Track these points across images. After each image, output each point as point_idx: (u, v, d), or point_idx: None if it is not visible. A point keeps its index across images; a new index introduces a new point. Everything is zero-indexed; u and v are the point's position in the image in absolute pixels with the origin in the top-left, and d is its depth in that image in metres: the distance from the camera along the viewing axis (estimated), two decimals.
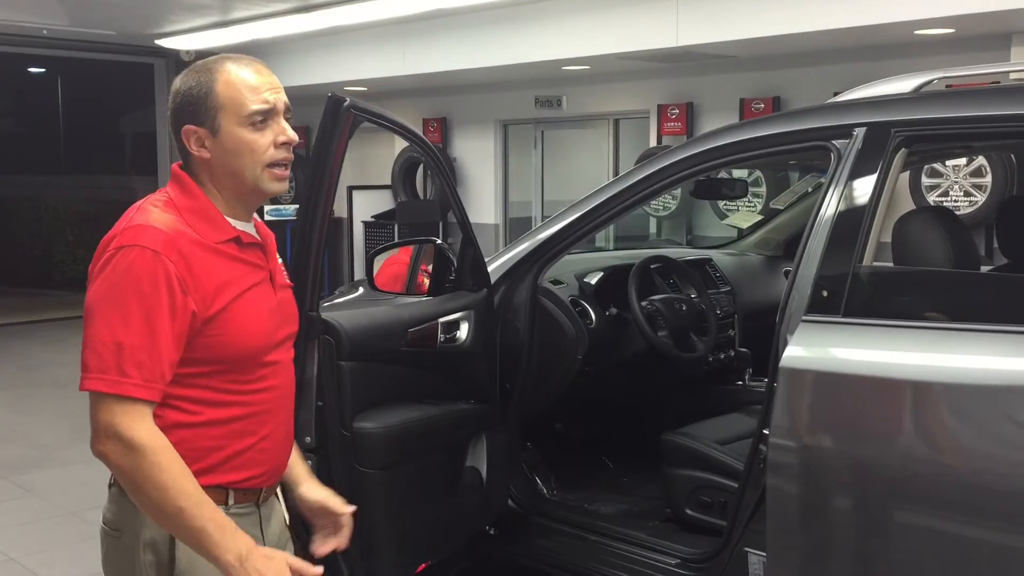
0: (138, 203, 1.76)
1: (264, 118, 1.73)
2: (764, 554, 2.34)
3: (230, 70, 1.74)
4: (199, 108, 1.73)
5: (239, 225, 1.78)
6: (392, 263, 4.50)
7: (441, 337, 2.70)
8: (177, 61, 10.44)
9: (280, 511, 1.96)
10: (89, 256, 1.74)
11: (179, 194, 1.75)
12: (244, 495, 1.80)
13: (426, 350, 2.66)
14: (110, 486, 1.81)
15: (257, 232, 1.84)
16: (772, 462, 2.26)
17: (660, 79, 7.81)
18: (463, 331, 2.77)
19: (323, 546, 1.97)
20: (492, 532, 2.99)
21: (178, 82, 1.77)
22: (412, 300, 2.81)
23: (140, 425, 1.62)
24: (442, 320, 2.71)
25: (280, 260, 1.91)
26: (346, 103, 2.24)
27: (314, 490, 1.98)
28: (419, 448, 2.54)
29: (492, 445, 2.86)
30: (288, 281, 1.93)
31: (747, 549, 2.44)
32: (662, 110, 7.81)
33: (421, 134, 2.64)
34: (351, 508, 1.99)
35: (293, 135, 1.76)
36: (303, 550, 1.99)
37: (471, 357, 2.80)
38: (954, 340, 2.14)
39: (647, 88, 7.96)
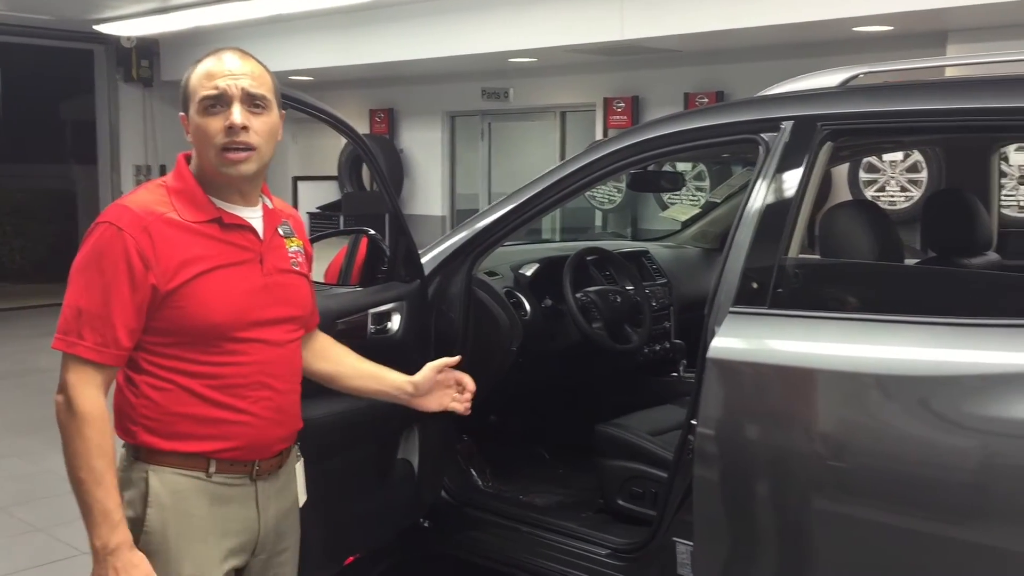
0: (141, 185, 1.93)
1: (215, 103, 1.80)
2: (691, 543, 2.36)
3: (205, 60, 1.86)
4: (183, 97, 1.87)
5: (227, 207, 1.86)
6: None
7: (371, 328, 2.68)
8: (117, 47, 10.26)
9: (293, 492, 2.03)
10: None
11: (173, 178, 1.88)
12: (231, 466, 1.87)
13: (355, 341, 2.63)
14: (123, 445, 1.93)
15: (263, 216, 1.92)
16: (699, 452, 2.27)
17: (606, 72, 7.85)
18: (394, 322, 2.75)
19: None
20: (426, 524, 2.98)
21: None
22: (342, 291, 2.78)
23: (85, 389, 1.75)
24: (372, 311, 2.69)
25: (295, 248, 1.99)
26: None
27: (395, 376, 2.22)
28: (346, 440, 2.52)
29: (424, 437, 2.84)
30: (301, 268, 2.00)
31: (675, 539, 2.46)
32: (608, 103, 7.85)
33: (347, 121, 2.61)
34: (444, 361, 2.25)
35: (236, 119, 1.79)
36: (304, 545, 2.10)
37: (403, 348, 2.77)
38: (878, 331, 2.17)
39: (593, 81, 7.99)
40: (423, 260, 2.92)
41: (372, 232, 2.90)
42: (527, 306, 3.27)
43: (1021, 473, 1.90)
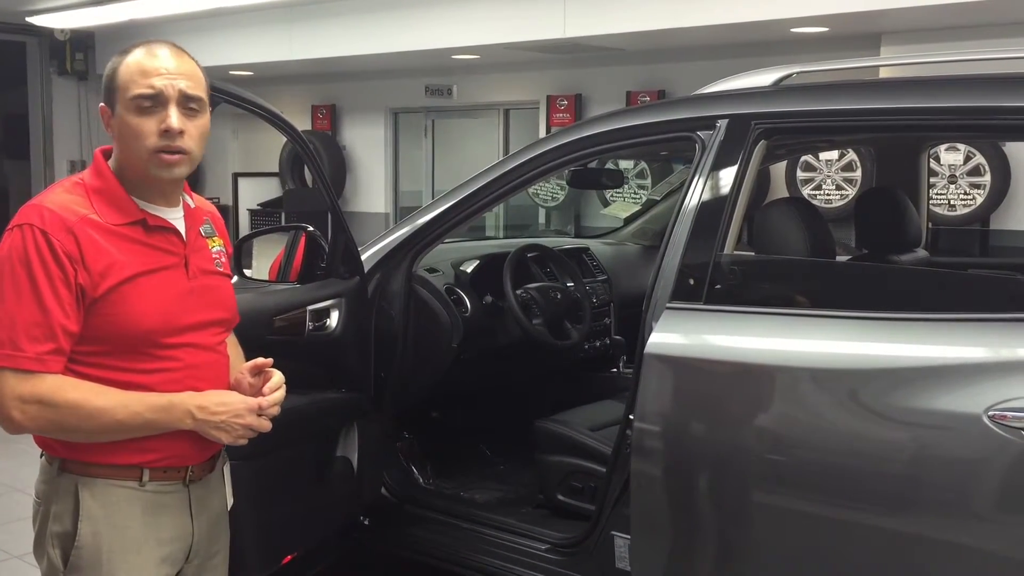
0: (53, 184, 1.82)
1: (151, 103, 1.73)
2: (629, 537, 2.38)
3: (135, 52, 1.77)
4: (108, 88, 1.78)
5: (150, 208, 1.79)
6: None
7: (310, 325, 2.66)
8: (51, 40, 10.01)
9: (223, 496, 1.97)
10: None
11: (91, 176, 1.78)
12: (164, 473, 1.81)
13: (294, 338, 2.61)
14: (41, 456, 1.85)
15: (185, 216, 1.86)
16: (636, 446, 2.29)
17: (549, 70, 7.87)
18: (333, 319, 2.73)
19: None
20: (365, 522, 2.97)
21: None
22: (280, 287, 2.75)
23: (42, 384, 1.67)
24: (311, 308, 2.67)
25: (218, 248, 1.92)
26: None
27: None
28: (283, 437, 2.48)
29: (364, 434, 2.83)
30: (224, 268, 1.94)
31: (613, 532, 2.48)
32: (551, 101, 7.88)
33: (285, 117, 2.58)
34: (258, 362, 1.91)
35: (173, 123, 1.72)
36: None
37: (342, 345, 2.76)
38: (811, 326, 2.21)
39: (536, 79, 8.02)
40: (363, 257, 2.90)
41: (311, 228, 2.88)
42: (468, 303, 3.27)
43: (951, 464, 1.95)
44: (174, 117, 1.73)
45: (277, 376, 1.88)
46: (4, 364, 1.66)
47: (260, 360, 1.88)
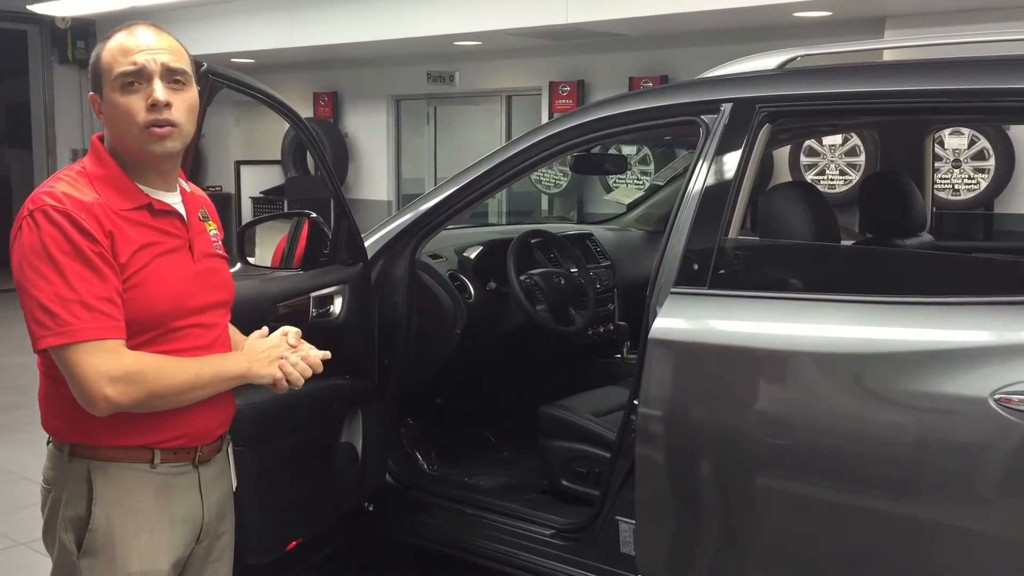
0: (54, 174, 1.81)
1: (135, 80, 1.73)
2: (633, 522, 2.38)
3: (116, 35, 1.78)
4: (94, 75, 1.78)
5: (152, 193, 1.80)
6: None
7: (313, 312, 2.66)
8: (52, 28, 10.00)
9: (229, 477, 1.99)
10: None
11: (92, 163, 1.78)
12: (175, 454, 1.82)
13: (297, 325, 2.60)
14: (48, 443, 1.85)
15: (183, 201, 1.87)
16: (641, 432, 2.30)
17: (552, 56, 7.85)
18: (337, 305, 2.73)
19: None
20: (370, 508, 2.97)
21: None
22: (284, 275, 2.75)
23: (124, 357, 1.67)
24: (314, 294, 2.66)
25: (214, 231, 1.94)
26: (203, 67, 2.17)
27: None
28: (288, 424, 2.50)
29: (368, 420, 2.83)
30: (223, 251, 1.96)
31: (618, 517, 2.48)
32: (554, 87, 7.86)
33: (286, 103, 2.57)
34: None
35: (159, 96, 1.73)
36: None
37: (346, 332, 2.76)
38: (815, 310, 2.21)
39: (539, 65, 7.99)
40: (367, 243, 2.90)
41: (314, 215, 2.87)
42: (471, 289, 3.27)
43: (956, 448, 1.95)
44: (159, 90, 1.73)
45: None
46: (70, 341, 1.63)
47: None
